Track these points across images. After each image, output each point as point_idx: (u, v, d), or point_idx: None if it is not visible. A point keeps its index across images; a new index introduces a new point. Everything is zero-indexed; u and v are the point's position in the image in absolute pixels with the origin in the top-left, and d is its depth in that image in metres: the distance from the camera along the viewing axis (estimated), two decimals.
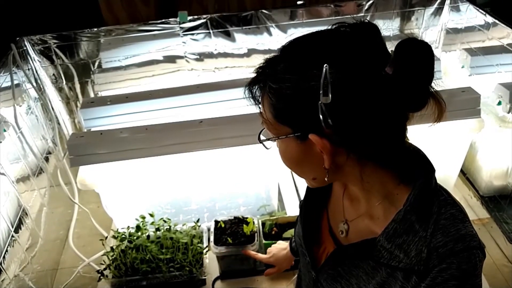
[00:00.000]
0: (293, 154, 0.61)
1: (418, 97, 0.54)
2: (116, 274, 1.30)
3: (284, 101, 0.56)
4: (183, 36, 1.67)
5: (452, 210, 0.61)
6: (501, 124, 1.45)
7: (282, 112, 0.58)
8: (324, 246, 0.75)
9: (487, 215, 1.57)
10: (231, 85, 1.49)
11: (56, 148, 1.67)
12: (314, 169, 0.62)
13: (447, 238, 0.58)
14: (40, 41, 1.59)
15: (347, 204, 0.72)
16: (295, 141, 0.59)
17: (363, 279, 0.65)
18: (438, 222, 0.59)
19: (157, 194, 1.47)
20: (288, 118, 0.58)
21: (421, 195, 0.61)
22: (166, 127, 1.29)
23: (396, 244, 0.60)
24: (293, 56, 0.57)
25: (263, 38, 1.71)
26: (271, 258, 1.18)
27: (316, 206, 0.79)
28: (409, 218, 0.60)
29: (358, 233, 0.68)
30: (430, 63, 0.51)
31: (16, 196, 1.31)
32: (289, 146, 0.61)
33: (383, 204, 0.64)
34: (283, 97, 0.56)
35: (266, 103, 0.59)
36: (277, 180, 1.53)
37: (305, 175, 0.67)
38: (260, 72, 0.59)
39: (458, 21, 1.74)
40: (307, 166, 0.63)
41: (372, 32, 0.55)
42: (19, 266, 1.25)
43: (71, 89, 1.73)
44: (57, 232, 1.60)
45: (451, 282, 0.56)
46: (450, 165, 1.55)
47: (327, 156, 0.57)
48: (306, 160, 0.61)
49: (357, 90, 0.52)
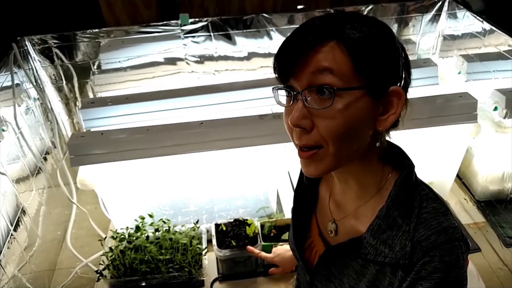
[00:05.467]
0: (361, 114, 0.56)
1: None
2: (115, 275, 1.30)
3: (375, 53, 0.55)
4: (184, 38, 1.67)
5: (434, 204, 0.62)
6: (497, 130, 1.47)
7: (367, 63, 0.55)
8: (316, 249, 0.76)
9: (482, 219, 1.59)
10: (230, 87, 1.50)
11: (54, 148, 1.67)
12: (363, 136, 0.59)
13: (429, 231, 0.59)
14: (41, 41, 1.60)
15: (333, 207, 0.74)
16: (366, 98, 0.56)
17: (353, 278, 0.66)
18: (420, 216, 0.60)
19: (156, 195, 1.47)
20: (372, 70, 0.55)
21: (402, 191, 0.62)
22: (166, 128, 1.30)
23: (381, 240, 0.62)
24: (368, 18, 0.59)
25: (263, 41, 1.72)
26: (276, 258, 1.19)
27: (305, 211, 0.80)
28: (391, 214, 0.61)
29: (346, 233, 0.69)
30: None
31: (15, 196, 1.31)
32: (359, 104, 0.56)
33: (371, 201, 0.65)
34: (372, 47, 0.55)
35: (339, 56, 0.54)
36: (275, 182, 1.54)
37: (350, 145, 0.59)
38: (333, 22, 0.56)
39: (455, 27, 1.77)
40: (362, 130, 0.59)
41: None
42: (16, 266, 1.24)
43: (70, 90, 1.73)
44: (55, 232, 1.60)
45: (435, 275, 0.57)
46: (447, 170, 1.57)
47: (397, 113, 0.58)
48: (362, 121, 0.57)
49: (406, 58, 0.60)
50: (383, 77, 0.57)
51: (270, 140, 1.28)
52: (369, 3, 1.70)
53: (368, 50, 0.55)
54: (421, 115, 1.31)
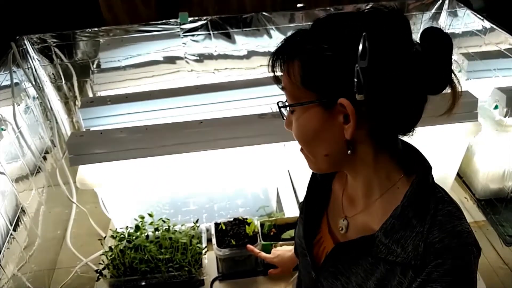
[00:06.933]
0: (313, 123, 0.61)
1: (441, 76, 0.58)
2: (115, 274, 1.30)
3: (319, 65, 0.57)
4: (183, 37, 1.67)
5: (449, 207, 0.62)
6: (498, 128, 1.46)
7: (313, 76, 0.58)
8: (324, 246, 0.76)
9: (483, 218, 1.59)
10: (230, 86, 1.49)
11: (54, 148, 1.67)
12: (330, 143, 0.62)
13: (443, 234, 0.59)
14: (40, 40, 1.59)
15: (346, 203, 0.73)
16: (318, 109, 0.60)
17: (361, 276, 0.66)
18: (435, 218, 0.60)
19: (156, 195, 1.47)
20: (318, 83, 0.58)
21: (419, 191, 0.62)
22: (166, 127, 1.30)
23: (393, 239, 0.61)
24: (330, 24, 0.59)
25: (263, 40, 1.72)
26: (276, 258, 1.20)
27: (316, 207, 0.80)
28: (406, 214, 0.61)
29: (357, 230, 0.69)
30: (450, 48, 0.57)
31: (14, 195, 1.30)
32: (310, 114, 0.61)
33: (381, 200, 0.65)
34: (318, 60, 0.57)
35: (294, 70, 0.60)
36: (275, 181, 1.54)
37: (319, 150, 0.64)
38: (288, 40, 0.61)
39: (456, 26, 1.77)
40: (324, 138, 0.62)
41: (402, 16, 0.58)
42: (16, 265, 1.24)
43: (70, 89, 1.73)
44: (55, 231, 1.60)
45: (446, 278, 0.57)
46: (447, 168, 1.56)
47: (353, 124, 0.58)
48: (325, 130, 0.61)
49: (390, 60, 0.56)
50: (329, 89, 0.58)
51: (270, 139, 1.28)
52: (369, 1, 1.70)
53: (313, 65, 0.58)
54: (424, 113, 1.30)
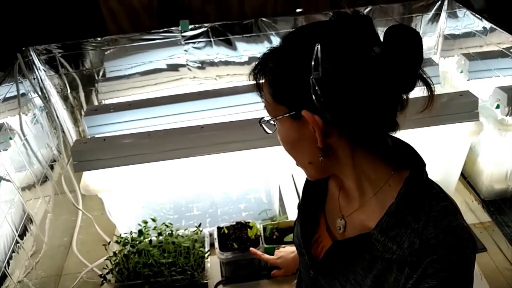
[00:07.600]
0: (289, 135, 0.65)
1: (406, 77, 0.57)
2: (119, 279, 1.31)
3: (280, 80, 0.61)
4: (185, 44, 1.70)
5: (444, 203, 0.62)
6: (500, 127, 1.45)
7: (279, 91, 0.62)
8: (322, 245, 0.77)
9: (488, 219, 1.57)
10: (232, 91, 1.51)
11: (60, 156, 1.70)
12: (309, 151, 0.64)
13: (438, 230, 0.59)
14: (46, 50, 1.63)
15: (343, 202, 0.74)
16: (290, 121, 0.62)
17: (360, 274, 0.66)
18: (429, 214, 0.60)
19: (160, 200, 1.48)
20: (284, 97, 0.62)
21: (413, 188, 0.62)
22: (168, 133, 1.32)
23: (389, 237, 0.62)
24: (290, 39, 0.61)
25: (263, 46, 1.73)
26: (279, 260, 1.20)
27: (313, 207, 0.80)
28: (401, 211, 0.61)
29: (354, 229, 0.69)
30: (417, 46, 0.55)
31: (21, 203, 1.33)
32: (286, 126, 0.64)
33: (376, 197, 0.65)
34: (279, 75, 0.61)
35: (266, 86, 0.64)
36: (278, 185, 1.54)
37: (301, 159, 0.68)
38: (262, 57, 0.64)
39: (456, 27, 1.77)
40: (302, 147, 0.65)
41: (363, 19, 0.59)
42: (23, 272, 1.26)
43: (75, 98, 1.76)
44: (61, 238, 1.62)
45: (441, 273, 0.57)
46: (450, 169, 1.56)
47: (318, 133, 0.60)
48: (301, 140, 0.64)
49: (345, 67, 0.56)
50: (294, 102, 0.60)
51: (272, 143, 1.28)
52: (367, 4, 1.71)
53: (277, 81, 0.61)
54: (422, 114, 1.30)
